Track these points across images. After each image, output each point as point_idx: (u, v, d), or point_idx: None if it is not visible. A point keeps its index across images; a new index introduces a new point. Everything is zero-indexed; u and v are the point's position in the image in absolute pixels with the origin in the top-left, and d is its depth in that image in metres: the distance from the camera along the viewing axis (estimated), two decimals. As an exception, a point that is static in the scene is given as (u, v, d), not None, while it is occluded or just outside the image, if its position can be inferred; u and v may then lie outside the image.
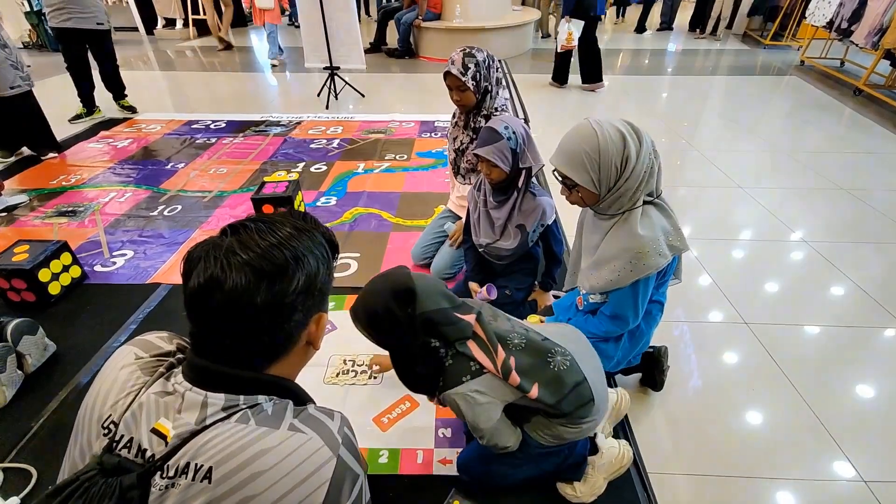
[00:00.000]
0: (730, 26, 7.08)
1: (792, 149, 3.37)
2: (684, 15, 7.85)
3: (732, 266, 2.17)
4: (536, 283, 1.79)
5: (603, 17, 4.16)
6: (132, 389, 0.59)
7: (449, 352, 0.98)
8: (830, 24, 4.57)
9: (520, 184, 1.54)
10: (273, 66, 5.61)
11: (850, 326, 1.81)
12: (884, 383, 1.58)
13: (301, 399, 0.65)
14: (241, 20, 7.92)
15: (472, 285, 1.73)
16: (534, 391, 0.97)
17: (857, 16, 4.22)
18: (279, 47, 5.73)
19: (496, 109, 1.78)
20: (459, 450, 1.33)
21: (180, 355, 0.65)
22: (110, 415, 0.58)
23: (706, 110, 4.24)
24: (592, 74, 4.54)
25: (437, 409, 1.45)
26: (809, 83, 4.80)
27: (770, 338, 1.74)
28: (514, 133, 1.46)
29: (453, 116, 1.93)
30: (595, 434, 1.24)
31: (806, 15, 5.03)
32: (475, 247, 1.73)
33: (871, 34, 4.05)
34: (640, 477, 1.27)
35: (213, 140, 3.51)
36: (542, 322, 1.50)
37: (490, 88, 1.74)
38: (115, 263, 2.16)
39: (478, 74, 1.68)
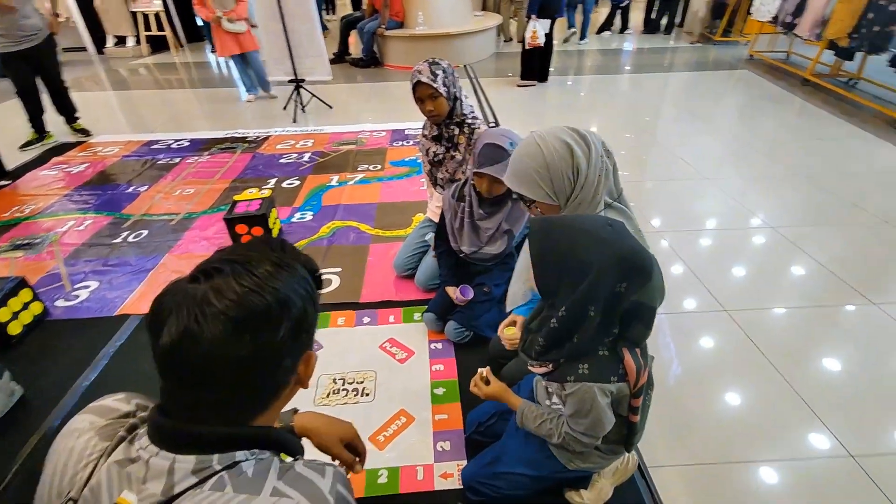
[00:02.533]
0: (681, 24, 7.37)
1: (749, 139, 3.52)
2: (638, 15, 8.12)
3: (705, 254, 2.24)
4: None
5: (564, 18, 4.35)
6: (90, 460, 0.52)
7: (608, 345, 0.90)
8: (775, 18, 4.81)
9: (514, 194, 1.52)
10: (249, 102, 4.65)
11: (821, 305, 1.89)
12: (858, 357, 1.65)
13: (289, 448, 0.59)
14: (198, 35, 7.66)
15: (449, 290, 1.71)
16: (636, 418, 0.96)
17: (799, 10, 4.46)
18: (261, 84, 4.67)
19: (466, 116, 1.77)
20: (460, 463, 1.31)
21: (143, 414, 0.58)
22: (69, 491, 0.51)
23: (666, 106, 4.38)
24: (537, 72, 4.78)
25: (434, 422, 1.43)
26: (760, 76, 5.04)
27: (748, 322, 1.80)
28: (512, 144, 1.41)
29: (424, 127, 1.91)
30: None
31: (751, 11, 5.28)
32: (450, 251, 1.72)
33: (814, 26, 4.28)
34: (643, 476, 1.28)
35: (177, 160, 3.38)
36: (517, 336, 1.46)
37: (458, 95, 1.74)
38: (78, 296, 2.04)
39: (446, 81, 1.68)
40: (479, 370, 1.34)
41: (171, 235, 2.47)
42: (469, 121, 1.76)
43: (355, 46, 6.17)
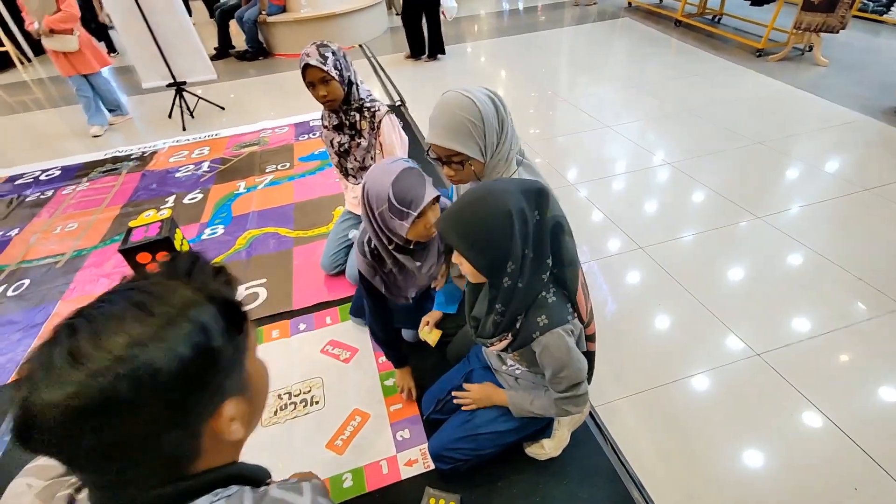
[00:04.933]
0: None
1: (638, 83, 3.76)
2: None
3: (617, 198, 2.39)
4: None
5: None
6: None
7: (550, 287, 0.90)
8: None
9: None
10: (96, 136, 3.75)
11: (717, 227, 2.10)
12: (752, 266, 1.87)
13: (252, 479, 0.53)
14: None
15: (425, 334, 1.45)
16: (593, 346, 0.98)
17: (663, -44, 4.76)
18: (112, 107, 3.93)
19: (364, 100, 1.70)
20: (422, 447, 1.32)
21: None
22: None
23: (561, 62, 4.54)
24: (439, 46, 4.69)
25: (390, 414, 1.42)
26: (638, 21, 5.36)
27: (661, 254, 1.96)
28: (401, 159, 1.13)
29: (322, 118, 1.81)
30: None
31: (623, -40, 5.56)
32: (390, 333, 1.40)
33: (677, -29, 4.59)
34: (591, 416, 1.37)
35: (50, 193, 2.96)
36: (433, 331, 1.46)
37: (353, 79, 1.66)
38: (-43, 371, 1.76)
39: (338, 63, 1.59)
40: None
41: (60, 280, 2.18)
42: (368, 104, 1.69)
43: (238, 38, 5.69)
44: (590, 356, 1.08)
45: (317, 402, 1.49)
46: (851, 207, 2.13)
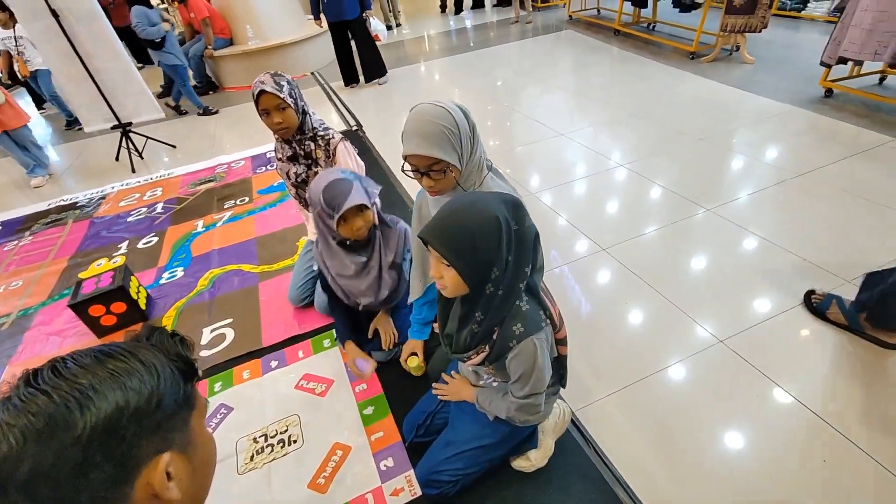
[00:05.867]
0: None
1: (585, 91, 3.92)
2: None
3: (577, 203, 2.46)
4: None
5: (369, 12, 4.33)
6: None
7: (523, 295, 0.92)
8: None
9: (376, 220, 1.44)
10: (37, 187, 3.64)
11: (673, 222, 2.19)
12: (706, 256, 1.95)
13: None
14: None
15: (354, 355, 1.50)
16: (565, 349, 1.01)
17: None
18: (40, 161, 3.71)
19: (317, 128, 1.69)
20: (407, 474, 1.29)
21: None
22: None
23: (511, 75, 4.68)
24: (376, 69, 4.72)
25: (371, 443, 1.39)
26: (580, 33, 5.61)
27: (623, 253, 2.03)
28: (350, 173, 1.33)
29: (276, 150, 1.79)
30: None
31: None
32: (345, 307, 1.57)
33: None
34: (573, 422, 1.38)
35: (-10, 251, 2.79)
36: (422, 363, 1.51)
37: (306, 109, 1.66)
38: None
39: (293, 92, 1.59)
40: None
41: (6, 343, 2.04)
42: (321, 132, 1.69)
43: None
44: (562, 360, 1.09)
45: (295, 441, 1.43)
46: (790, 192, 2.27)
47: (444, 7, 7.90)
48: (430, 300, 1.51)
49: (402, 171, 1.11)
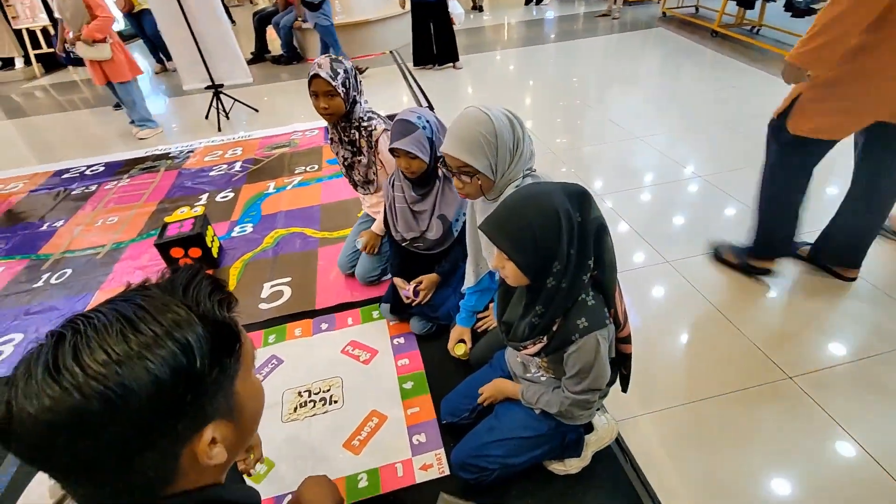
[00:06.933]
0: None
1: (670, 94, 3.69)
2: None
3: (644, 210, 2.35)
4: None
5: None
6: None
7: (590, 290, 0.92)
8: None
9: (440, 173, 1.53)
10: (141, 139, 3.85)
11: (750, 244, 2.03)
12: (787, 288, 1.80)
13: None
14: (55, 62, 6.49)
15: (398, 281, 1.69)
16: (629, 347, 1.00)
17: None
18: (140, 121, 3.90)
19: (363, 118, 1.73)
20: (437, 451, 1.32)
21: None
22: None
23: (592, 71, 4.50)
24: (450, 53, 4.72)
25: (407, 417, 1.43)
26: (673, 32, 5.27)
27: (689, 269, 1.92)
28: (427, 122, 1.44)
29: (327, 132, 1.85)
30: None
31: (659, -30, 5.49)
32: (396, 241, 1.69)
33: (714, -19, 4.51)
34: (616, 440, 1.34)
35: (94, 188, 3.12)
36: (469, 350, 1.52)
37: (357, 98, 1.69)
38: (2, 352, 1.86)
39: (347, 81, 1.63)
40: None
41: (99, 270, 2.29)
42: (365, 123, 1.72)
43: (274, 43, 5.88)
44: (625, 358, 1.07)
45: (335, 402, 1.51)
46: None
47: (529, 0, 7.64)
48: (482, 289, 1.52)
49: (438, 164, 1.13)
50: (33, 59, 6.28)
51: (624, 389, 1.13)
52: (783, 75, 1.42)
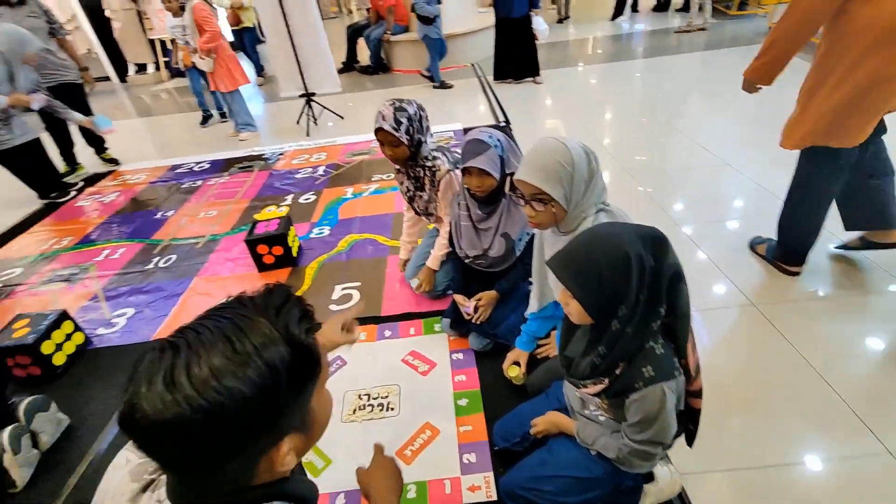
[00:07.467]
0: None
1: (769, 118, 3.37)
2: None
3: (728, 243, 2.17)
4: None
5: (536, 10, 4.38)
6: (121, 501, 0.57)
7: (659, 338, 0.90)
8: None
9: (507, 189, 1.54)
10: (242, 140, 4.25)
11: (850, 293, 1.81)
12: (891, 342, 1.58)
13: (302, 499, 0.59)
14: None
15: (458, 298, 1.72)
16: (699, 402, 0.97)
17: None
18: (246, 119, 4.31)
19: (427, 157, 1.76)
20: (486, 474, 1.32)
21: None
22: None
23: (682, 89, 4.26)
24: (530, 68, 4.73)
25: (459, 434, 1.45)
26: (780, 48, 4.83)
27: (777, 314, 1.74)
28: (498, 140, 1.47)
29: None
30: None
31: (768, -19, 5.07)
32: (459, 258, 1.73)
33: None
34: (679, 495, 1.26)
35: (199, 182, 3.50)
36: (523, 375, 1.50)
37: (423, 139, 1.73)
38: (117, 324, 2.15)
39: (410, 128, 1.66)
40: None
41: (197, 258, 2.56)
42: (430, 164, 1.76)
43: (362, 53, 6.23)
44: (694, 413, 1.01)
45: (392, 409, 1.57)
46: None
47: (617, 15, 7.33)
48: (545, 316, 1.50)
49: (509, 191, 1.13)
50: (162, 66, 7.18)
51: (689, 444, 1.06)
52: (742, 86, 1.72)
